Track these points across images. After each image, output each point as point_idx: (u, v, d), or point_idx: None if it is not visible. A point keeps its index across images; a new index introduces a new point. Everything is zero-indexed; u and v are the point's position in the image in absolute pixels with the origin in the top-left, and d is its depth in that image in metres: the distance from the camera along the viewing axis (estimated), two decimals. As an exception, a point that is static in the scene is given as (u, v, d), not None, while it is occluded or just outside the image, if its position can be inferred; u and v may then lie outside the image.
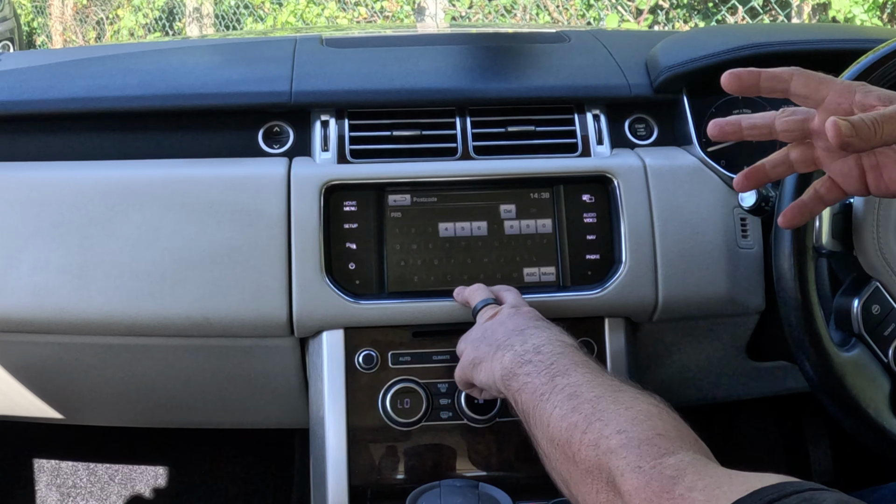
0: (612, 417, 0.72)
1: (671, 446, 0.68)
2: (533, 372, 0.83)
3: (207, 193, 1.06)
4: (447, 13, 4.36)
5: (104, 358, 1.14)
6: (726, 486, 0.61)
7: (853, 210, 0.91)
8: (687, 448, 0.68)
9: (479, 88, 1.17)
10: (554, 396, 0.78)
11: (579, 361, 0.82)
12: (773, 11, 3.51)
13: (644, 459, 0.67)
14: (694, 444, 0.70)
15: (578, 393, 0.77)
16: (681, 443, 0.69)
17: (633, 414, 0.72)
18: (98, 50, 1.37)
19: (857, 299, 0.91)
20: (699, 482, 0.63)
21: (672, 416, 0.74)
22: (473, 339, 0.95)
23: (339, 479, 1.04)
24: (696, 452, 0.68)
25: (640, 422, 0.71)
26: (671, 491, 0.63)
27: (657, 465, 0.66)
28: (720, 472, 0.64)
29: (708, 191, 1.10)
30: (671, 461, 0.66)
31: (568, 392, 0.78)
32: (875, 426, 0.89)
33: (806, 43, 1.18)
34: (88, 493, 1.74)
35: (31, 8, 7.70)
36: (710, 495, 0.61)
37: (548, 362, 0.83)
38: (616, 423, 0.71)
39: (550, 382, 0.80)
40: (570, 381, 0.79)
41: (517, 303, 0.98)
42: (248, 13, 5.59)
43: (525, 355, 0.85)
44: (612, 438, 0.70)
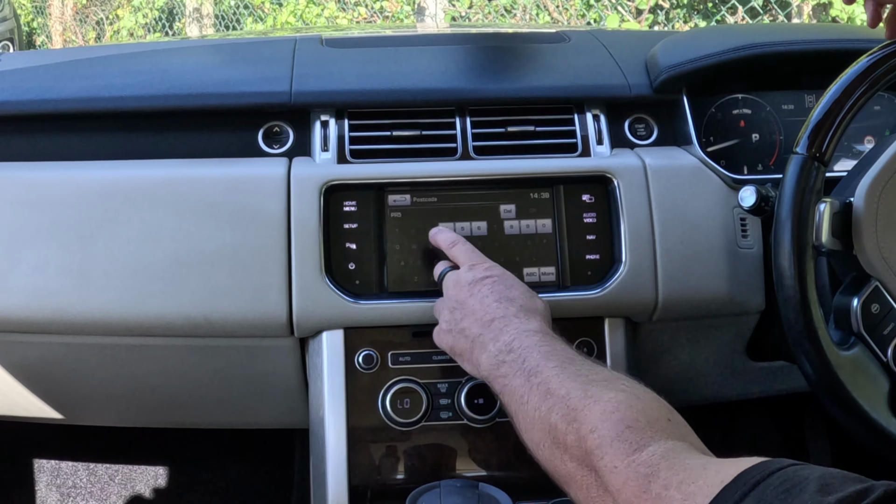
0: (584, 415, 0.73)
1: (642, 439, 0.69)
2: (509, 374, 0.85)
3: (207, 193, 1.06)
4: (447, 13, 4.36)
5: (104, 358, 1.14)
6: (701, 480, 0.62)
7: (853, 209, 0.91)
8: (659, 436, 0.69)
9: (479, 88, 1.17)
10: (531, 399, 0.80)
11: (547, 353, 0.84)
12: (773, 11, 3.51)
13: (618, 458, 0.68)
14: (666, 428, 0.71)
15: (551, 391, 0.78)
16: (651, 432, 0.70)
17: (601, 407, 0.73)
18: (98, 50, 1.37)
19: (857, 298, 0.91)
20: (674, 478, 0.64)
21: (642, 399, 0.74)
22: (446, 320, 0.97)
23: (339, 479, 1.04)
24: (668, 439, 0.69)
25: (609, 415, 0.72)
26: (648, 490, 0.65)
27: (631, 464, 0.67)
28: (693, 464, 0.64)
29: (708, 191, 1.10)
30: (643, 457, 0.67)
31: (542, 391, 0.79)
32: (874, 425, 0.89)
33: (806, 43, 1.18)
34: (88, 493, 1.74)
35: (31, 8, 7.70)
36: (686, 492, 0.62)
37: (520, 360, 0.84)
38: (589, 422, 0.72)
39: (527, 383, 0.82)
40: (541, 379, 0.80)
41: (471, 259, 0.99)
42: (248, 13, 5.59)
43: (499, 355, 0.87)
44: (587, 439, 0.71)
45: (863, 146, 1.22)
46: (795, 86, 1.21)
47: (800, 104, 1.21)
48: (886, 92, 1.22)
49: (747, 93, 1.21)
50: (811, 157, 0.88)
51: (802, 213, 0.87)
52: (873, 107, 1.22)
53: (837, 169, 1.18)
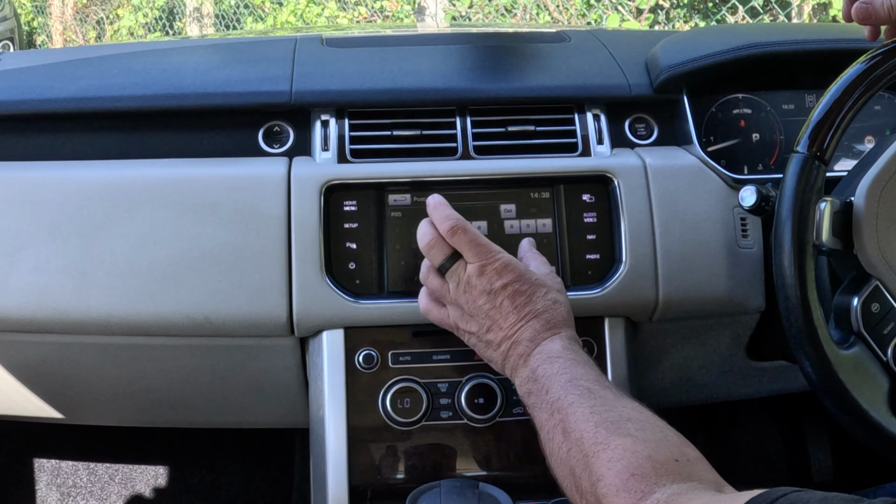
0: (593, 463, 0.76)
1: (646, 486, 0.70)
2: (536, 404, 0.87)
3: (207, 193, 1.06)
4: (447, 13, 4.36)
5: (104, 358, 1.14)
6: None
7: (854, 208, 0.91)
8: (663, 481, 0.71)
9: (479, 88, 1.17)
10: (555, 435, 0.82)
11: (567, 382, 0.85)
12: (773, 11, 3.51)
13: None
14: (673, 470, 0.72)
15: (568, 431, 0.81)
16: (656, 477, 0.71)
17: (608, 455, 0.75)
18: (98, 50, 1.37)
19: (857, 298, 0.91)
20: None
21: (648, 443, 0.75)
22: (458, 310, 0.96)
23: (339, 479, 1.04)
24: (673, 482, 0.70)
25: (615, 463, 0.74)
26: None
27: None
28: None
29: (708, 191, 1.10)
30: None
31: (561, 429, 0.82)
32: (874, 425, 0.89)
33: (806, 43, 1.18)
34: (88, 493, 1.74)
35: (31, 8, 7.70)
36: None
37: (543, 391, 0.86)
38: (597, 471, 0.75)
39: (550, 419, 0.84)
40: (562, 416, 0.82)
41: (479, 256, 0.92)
42: (248, 13, 5.59)
43: (527, 384, 0.89)
44: (597, 487, 0.74)
45: (863, 146, 1.22)
46: (795, 86, 1.21)
47: (800, 104, 1.21)
48: (886, 92, 1.22)
49: (747, 93, 1.21)
50: (812, 157, 0.88)
51: (803, 212, 0.87)
52: (873, 107, 1.22)
53: (838, 168, 1.18)
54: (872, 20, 0.91)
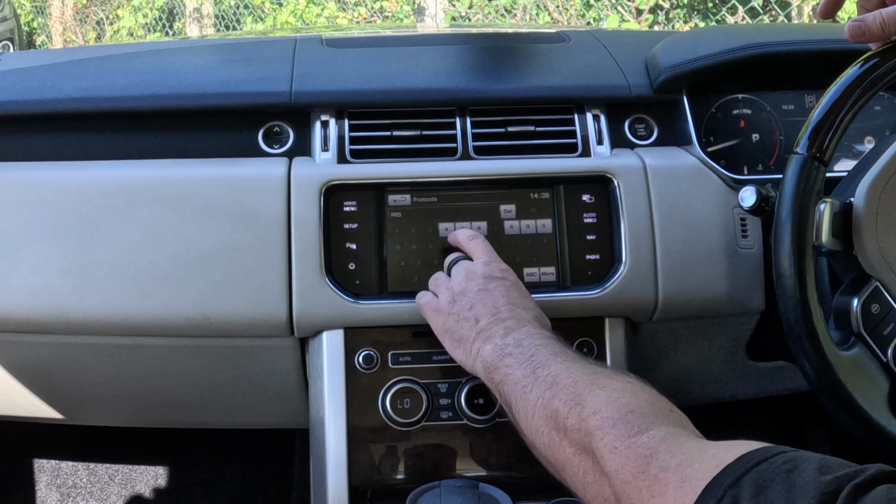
0: (588, 399, 0.75)
1: (644, 423, 0.70)
2: (514, 364, 0.86)
3: (207, 193, 1.06)
4: (447, 13, 4.36)
5: (104, 358, 1.14)
6: (697, 464, 0.63)
7: (853, 209, 0.91)
8: (660, 422, 0.70)
9: (479, 88, 1.17)
10: (536, 387, 0.81)
11: (557, 351, 0.85)
12: (773, 11, 3.51)
13: (619, 439, 0.69)
14: (668, 416, 0.72)
15: (558, 381, 0.80)
16: (653, 418, 0.71)
17: (607, 393, 0.74)
18: (98, 50, 1.37)
19: (857, 298, 0.91)
20: (672, 460, 0.65)
21: (646, 391, 0.76)
22: (451, 293, 0.97)
23: (339, 479, 1.04)
24: (669, 425, 0.70)
25: (614, 400, 0.73)
26: (646, 471, 0.65)
27: (631, 445, 0.68)
28: (692, 448, 0.66)
29: (708, 191, 1.10)
30: (644, 439, 0.68)
31: (548, 381, 0.80)
32: (873, 425, 0.89)
33: (806, 43, 1.18)
34: (88, 493, 1.74)
35: (31, 8, 7.70)
36: (683, 475, 0.63)
37: (528, 354, 0.86)
38: (593, 405, 0.74)
39: (532, 375, 0.83)
40: (549, 372, 0.82)
41: (488, 257, 1.00)
42: (248, 13, 5.59)
43: (506, 348, 0.88)
44: (589, 420, 0.73)
45: (863, 146, 1.22)
46: (795, 86, 1.21)
47: (800, 104, 1.21)
48: (886, 92, 1.22)
49: (747, 93, 1.21)
50: (811, 157, 0.88)
51: (802, 213, 0.87)
52: (873, 107, 1.22)
53: (837, 169, 1.18)
54: (866, 38, 0.88)
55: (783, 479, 0.57)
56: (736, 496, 0.57)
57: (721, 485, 0.59)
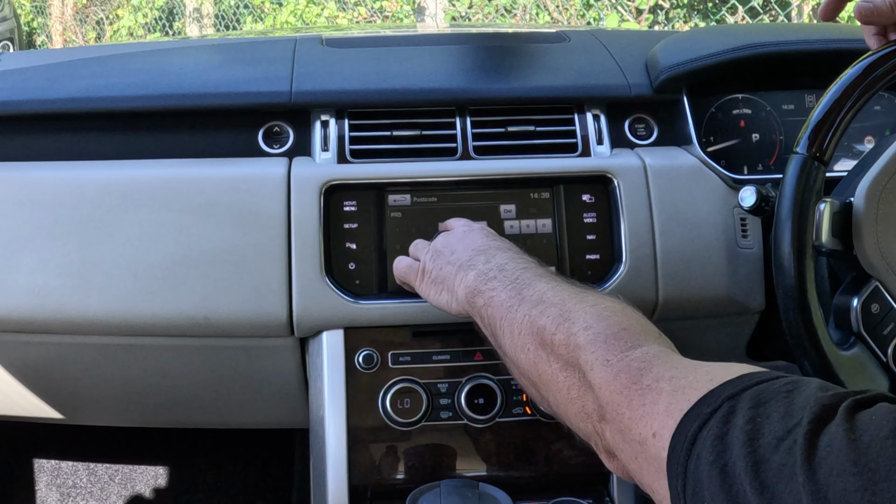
0: (578, 316, 0.74)
1: (637, 340, 0.70)
2: (498, 287, 0.84)
3: (207, 193, 1.06)
4: (447, 13, 4.36)
5: (104, 358, 1.14)
6: (692, 377, 0.63)
7: (853, 209, 0.91)
8: (652, 341, 0.71)
9: (479, 88, 1.17)
10: (522, 306, 0.80)
11: (543, 273, 0.84)
12: (773, 11, 3.51)
13: (611, 353, 0.69)
14: (658, 338, 0.73)
15: (545, 299, 0.79)
16: (646, 336, 0.71)
17: (598, 311, 0.74)
18: (98, 50, 1.37)
19: (857, 298, 0.91)
20: (665, 373, 0.65)
21: (636, 313, 0.76)
22: (432, 251, 0.96)
23: (339, 479, 1.04)
24: (661, 345, 0.70)
25: (606, 317, 0.73)
26: (639, 382, 0.65)
27: (624, 358, 0.68)
28: (685, 364, 0.66)
29: (708, 191, 1.10)
30: (637, 353, 0.68)
31: (535, 299, 0.79)
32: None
33: (806, 43, 1.18)
34: (88, 493, 1.74)
35: (31, 8, 7.70)
36: (677, 385, 0.63)
37: (513, 277, 0.84)
38: (583, 321, 0.73)
39: (518, 296, 0.82)
40: (535, 290, 0.81)
41: (467, 221, 1.01)
42: (248, 13, 5.59)
43: (489, 272, 0.87)
44: (579, 335, 0.72)
45: (863, 146, 1.22)
46: (795, 86, 1.21)
47: (800, 104, 1.21)
48: (886, 92, 1.22)
49: (747, 93, 1.21)
50: (811, 157, 0.88)
51: (802, 213, 0.87)
52: (873, 107, 1.22)
53: (837, 169, 1.18)
54: (875, 18, 0.86)
55: (783, 396, 0.56)
56: (733, 407, 0.57)
57: (719, 396, 0.59)
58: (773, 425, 0.54)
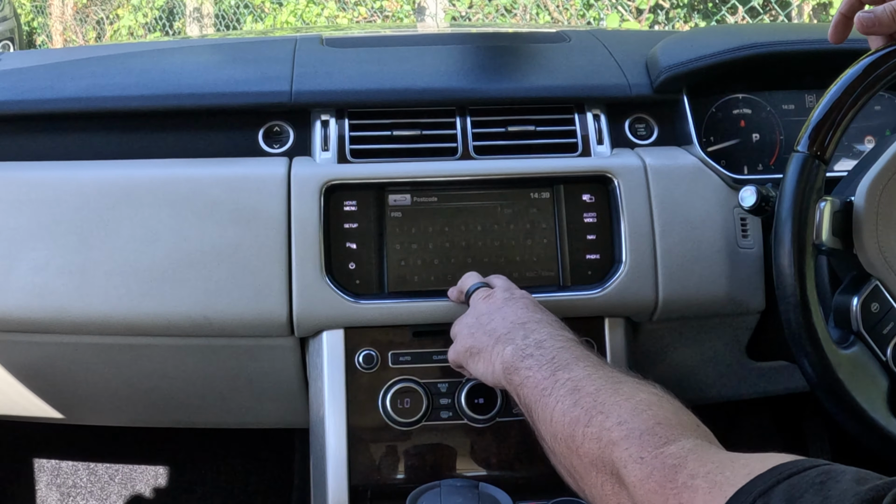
0: (612, 409, 0.73)
1: (672, 434, 0.68)
2: (534, 366, 0.83)
3: (207, 193, 1.06)
4: (447, 13, 4.36)
5: (104, 358, 1.14)
6: (728, 472, 0.61)
7: (854, 208, 0.91)
8: (688, 434, 0.69)
9: (479, 88, 1.17)
10: (556, 391, 0.79)
11: (580, 355, 0.83)
12: (773, 11, 3.51)
13: (646, 449, 0.67)
14: (695, 430, 0.71)
15: (580, 387, 0.77)
16: (681, 430, 0.69)
17: (633, 404, 0.72)
18: (98, 50, 1.37)
19: (857, 297, 0.91)
20: (701, 469, 0.63)
21: (672, 403, 0.74)
22: (469, 325, 0.95)
23: (339, 479, 1.04)
24: (697, 438, 0.69)
25: (641, 412, 0.71)
26: (674, 480, 0.64)
27: (659, 455, 0.66)
28: (722, 457, 0.64)
29: (708, 191, 1.10)
30: (672, 449, 0.66)
31: (569, 387, 0.78)
32: (873, 425, 0.89)
33: (806, 43, 1.18)
34: (88, 493, 1.74)
35: (31, 8, 7.69)
36: (713, 482, 0.61)
37: (549, 356, 0.83)
38: (617, 415, 0.72)
39: (552, 377, 0.80)
40: (571, 376, 0.79)
41: (509, 286, 0.99)
42: (248, 13, 5.59)
43: (526, 349, 0.85)
44: (613, 430, 0.71)
45: (863, 146, 1.22)
46: (795, 86, 1.21)
47: (800, 104, 1.21)
48: (886, 92, 1.22)
49: (747, 93, 1.21)
50: (812, 156, 0.88)
51: (803, 212, 0.87)
52: (873, 107, 1.22)
53: (838, 169, 1.18)
54: (877, 29, 0.86)
55: (817, 489, 0.55)
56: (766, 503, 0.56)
57: (751, 493, 0.58)
58: None
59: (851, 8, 0.90)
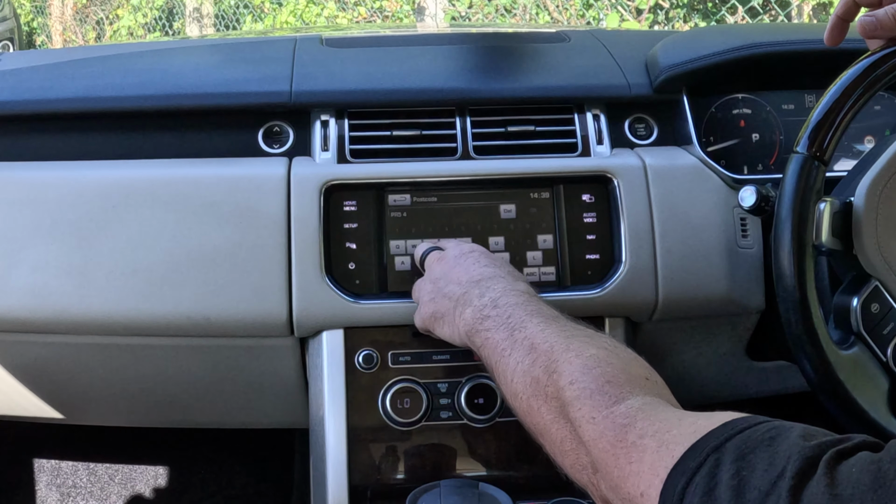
0: (565, 368, 0.75)
1: (621, 392, 0.70)
2: (492, 327, 0.85)
3: (207, 193, 1.06)
4: (447, 13, 4.36)
5: (104, 358, 1.14)
6: (676, 430, 0.63)
7: (853, 208, 0.91)
8: (637, 392, 0.71)
9: (479, 88, 1.17)
10: (514, 352, 0.81)
11: (533, 311, 0.85)
12: (773, 11, 3.51)
13: (596, 409, 0.70)
14: (645, 385, 0.73)
15: (535, 345, 0.80)
16: (630, 387, 0.71)
17: (582, 361, 0.74)
18: (98, 50, 1.37)
19: (857, 298, 0.91)
20: (649, 427, 0.65)
21: (621, 357, 0.76)
22: (428, 291, 0.97)
23: (339, 479, 1.04)
24: (646, 394, 0.71)
25: (590, 369, 0.73)
26: (624, 440, 0.66)
27: (609, 415, 0.69)
28: (669, 416, 0.66)
29: (708, 191, 1.10)
30: (621, 409, 0.69)
31: (526, 346, 0.80)
32: (873, 425, 0.89)
33: (806, 43, 1.18)
34: (88, 493, 1.74)
35: (31, 8, 7.70)
36: (661, 440, 0.63)
37: (505, 315, 0.85)
38: (568, 374, 0.74)
39: (510, 338, 0.83)
40: (526, 334, 0.81)
41: (458, 243, 1.01)
42: (247, 13, 5.59)
43: (484, 310, 0.87)
44: (566, 390, 0.73)
45: (863, 146, 1.22)
46: (795, 86, 1.21)
47: (800, 104, 1.21)
48: (886, 92, 1.22)
49: (747, 93, 1.21)
50: (812, 157, 0.88)
51: (803, 212, 0.87)
52: (873, 107, 1.22)
53: (838, 169, 1.18)
54: (879, 32, 0.86)
55: (766, 445, 0.57)
56: (718, 460, 0.58)
57: (703, 449, 0.59)
58: (758, 479, 0.55)
59: (847, 11, 0.90)
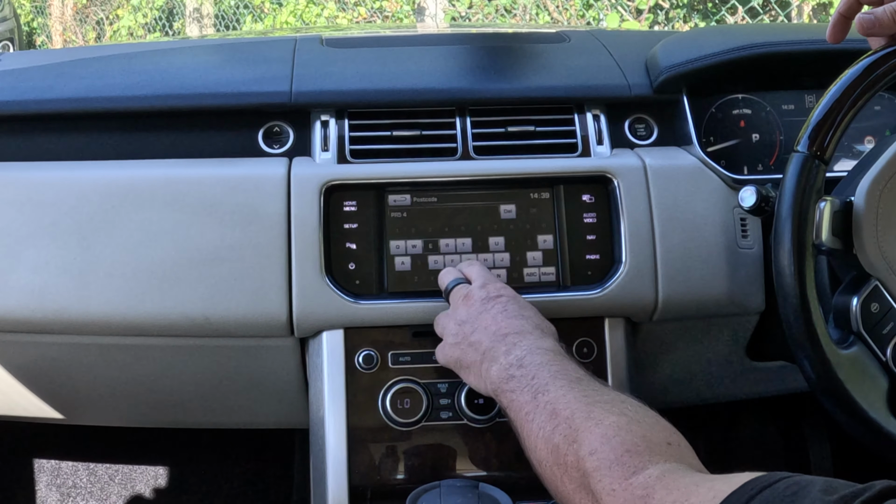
0: (585, 437, 0.75)
1: (640, 462, 0.70)
2: (517, 388, 0.85)
3: (207, 193, 1.06)
4: (447, 13, 4.36)
5: (104, 358, 1.14)
6: (694, 498, 0.63)
7: (854, 208, 0.91)
8: (656, 460, 0.71)
9: (479, 88, 1.17)
10: (537, 416, 0.81)
11: (558, 372, 0.85)
12: (773, 11, 3.51)
13: (616, 481, 0.70)
14: (665, 451, 0.73)
15: (557, 411, 0.80)
16: (650, 455, 0.71)
17: (602, 430, 0.74)
18: (98, 50, 1.37)
19: (857, 297, 0.91)
20: (667, 497, 0.65)
21: (642, 423, 0.76)
22: (453, 333, 0.97)
23: (339, 479, 1.04)
24: (666, 461, 0.71)
25: (609, 439, 0.73)
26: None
27: (628, 487, 0.69)
28: (688, 482, 0.66)
29: (708, 191, 1.10)
30: (640, 479, 0.69)
31: (549, 410, 0.80)
32: (872, 425, 0.89)
33: (806, 43, 1.18)
34: (88, 493, 1.74)
35: (31, 8, 7.70)
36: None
37: (530, 376, 0.85)
38: (589, 444, 0.74)
39: (533, 401, 0.83)
40: (549, 398, 0.82)
41: (484, 281, 1.00)
42: (247, 13, 5.59)
43: (510, 369, 0.88)
44: (587, 461, 0.73)
45: (863, 146, 1.22)
46: (795, 86, 1.21)
47: (800, 104, 1.21)
48: (886, 92, 1.22)
49: (747, 93, 1.21)
50: (812, 156, 0.88)
51: (803, 212, 0.87)
52: (873, 107, 1.22)
53: (838, 169, 1.18)
54: (877, 30, 0.87)
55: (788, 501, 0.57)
56: None
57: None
58: None
59: (850, 8, 0.90)
